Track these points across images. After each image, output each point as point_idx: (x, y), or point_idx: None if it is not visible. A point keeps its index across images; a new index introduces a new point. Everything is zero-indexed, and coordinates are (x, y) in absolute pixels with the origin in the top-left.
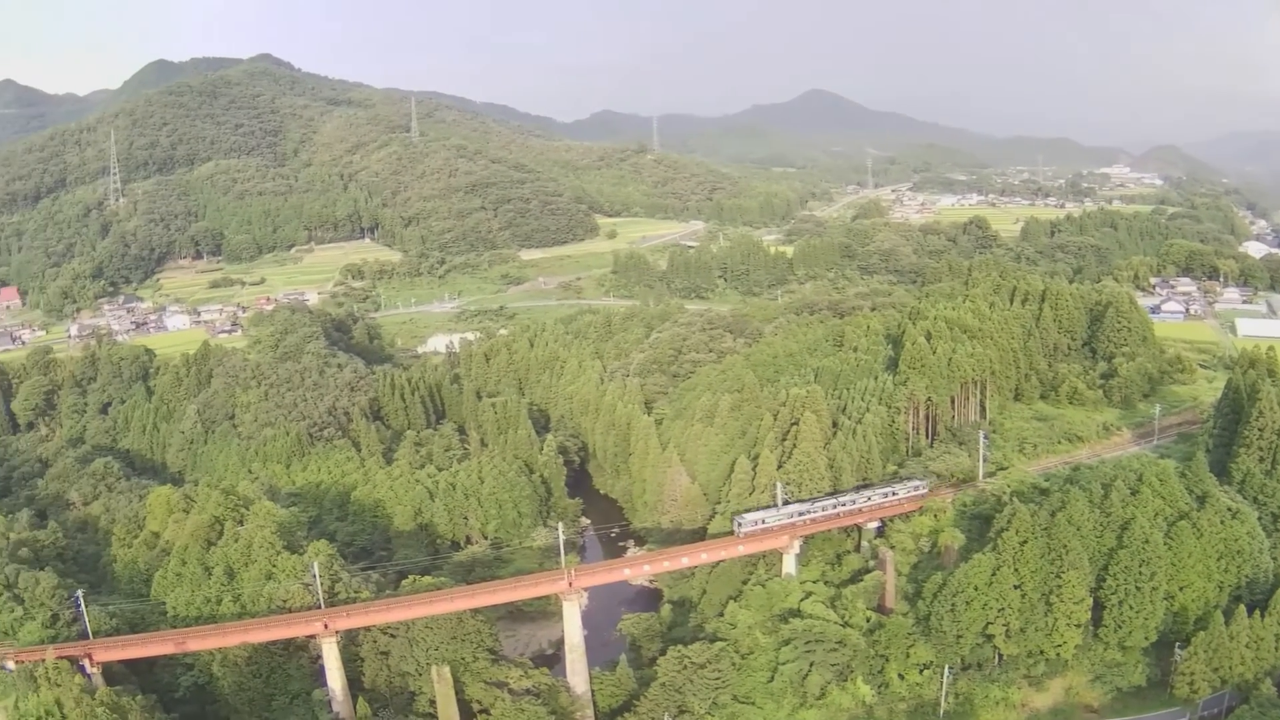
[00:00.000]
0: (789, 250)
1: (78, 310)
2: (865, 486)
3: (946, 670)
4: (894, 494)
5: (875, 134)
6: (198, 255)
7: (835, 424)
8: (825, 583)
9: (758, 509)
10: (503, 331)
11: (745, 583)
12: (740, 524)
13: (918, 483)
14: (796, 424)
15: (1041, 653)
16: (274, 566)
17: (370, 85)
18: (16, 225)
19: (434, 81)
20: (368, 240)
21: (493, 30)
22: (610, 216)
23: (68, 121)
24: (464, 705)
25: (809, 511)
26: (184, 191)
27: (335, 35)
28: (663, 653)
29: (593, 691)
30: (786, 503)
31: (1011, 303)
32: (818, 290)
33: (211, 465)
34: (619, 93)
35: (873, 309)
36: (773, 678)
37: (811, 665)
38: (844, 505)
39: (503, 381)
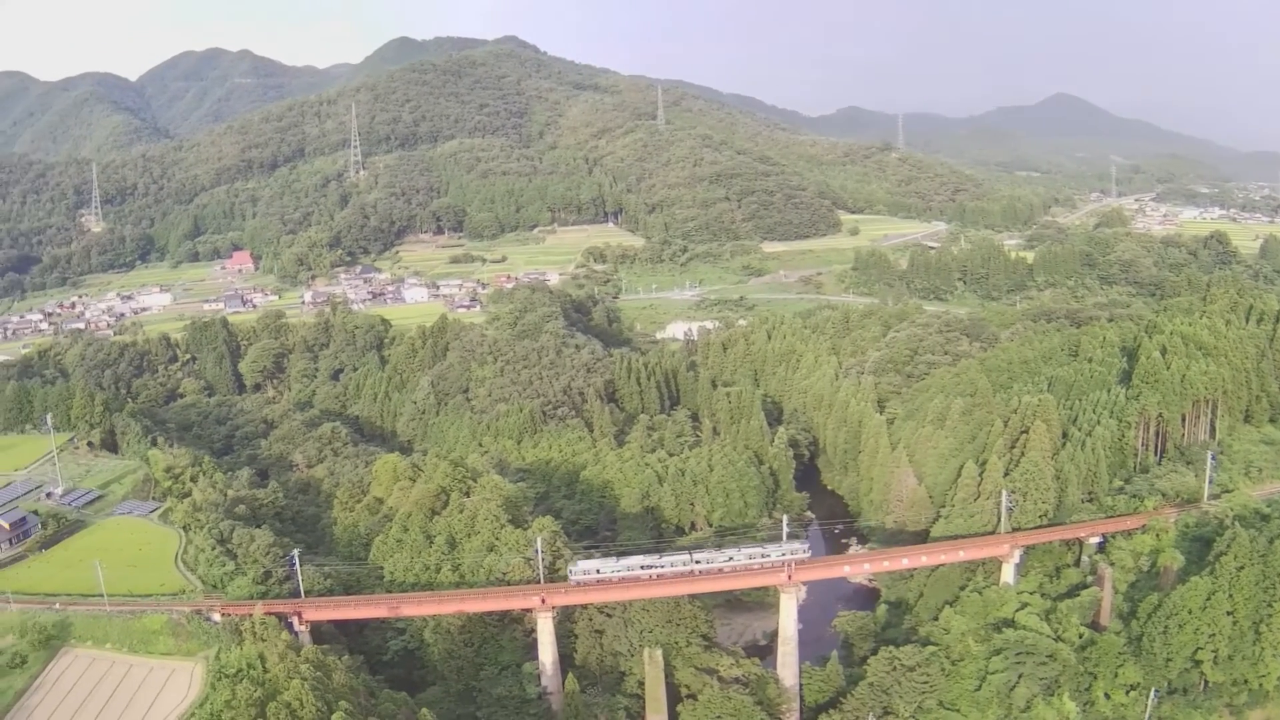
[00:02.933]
0: (1029, 256)
1: (312, 277)
2: (737, 546)
3: (1153, 693)
4: (765, 555)
5: (1119, 141)
6: (438, 230)
7: (1065, 435)
8: (1042, 594)
9: (598, 559)
10: (741, 322)
11: (963, 589)
12: (572, 572)
13: (797, 545)
14: (1026, 432)
15: (1246, 682)
16: (497, 539)
17: (616, 71)
18: (252, 191)
19: (680, 70)
20: (611, 225)
21: (744, 21)
22: (853, 213)
23: (307, 94)
24: (672, 689)
25: (655, 566)
26: (426, 167)
27: (581, 20)
28: (874, 652)
29: (801, 686)
30: (631, 554)
31: (1247, 322)
32: (1056, 298)
33: (441, 436)
34: (865, 88)
35: (1110, 320)
36: (980, 686)
37: (1020, 677)
38: (699, 564)
39: (738, 371)
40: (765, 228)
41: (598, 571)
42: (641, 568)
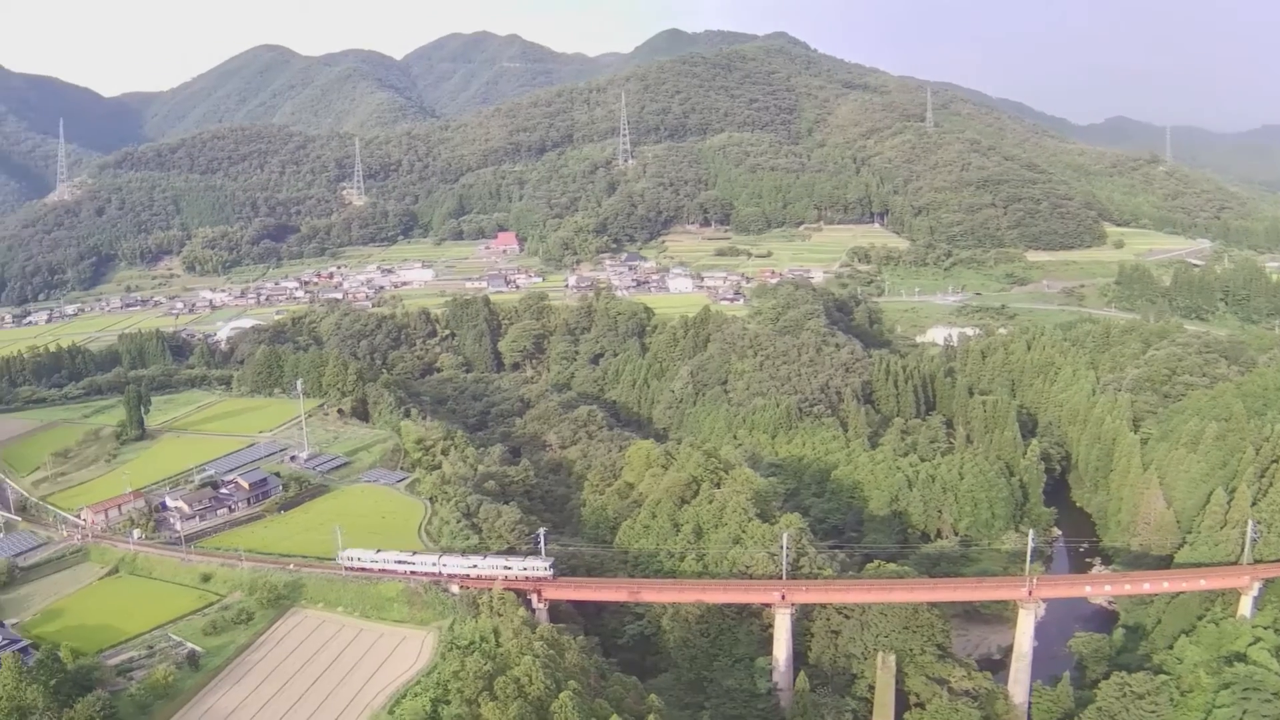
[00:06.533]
0: None
1: (577, 262)
2: (483, 555)
3: None
4: (508, 568)
5: None
6: (705, 222)
7: None
8: (1277, 630)
9: (369, 550)
10: (1002, 330)
11: (1201, 618)
12: (339, 557)
13: (538, 563)
14: (1277, 461)
15: None
16: (743, 532)
17: (885, 71)
18: (518, 174)
19: (948, 72)
20: (876, 225)
21: (1014, 26)
22: (1117, 225)
23: (576, 81)
24: (901, 696)
25: (408, 563)
26: (694, 159)
27: (851, 19)
28: (1107, 676)
29: (1030, 704)
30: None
31: None
32: None
33: (697, 426)
34: (1133, 98)
35: None
36: None
37: (1244, 713)
38: (445, 567)
39: (995, 380)
40: (1030, 236)
41: (359, 559)
42: (397, 562)
